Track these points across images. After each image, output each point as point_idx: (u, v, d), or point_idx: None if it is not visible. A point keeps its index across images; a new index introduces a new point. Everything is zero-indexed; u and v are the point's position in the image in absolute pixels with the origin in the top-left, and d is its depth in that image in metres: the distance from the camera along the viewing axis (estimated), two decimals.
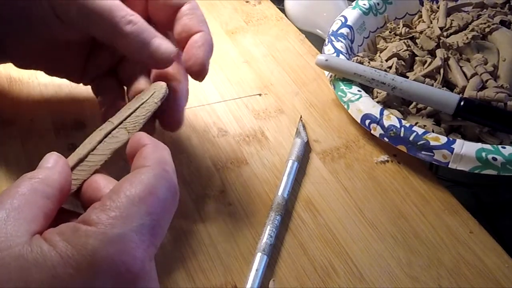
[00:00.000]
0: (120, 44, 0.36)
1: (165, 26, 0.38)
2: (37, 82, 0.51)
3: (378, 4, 0.59)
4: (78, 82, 0.43)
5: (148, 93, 0.36)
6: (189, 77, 0.39)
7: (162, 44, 0.36)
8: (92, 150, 0.32)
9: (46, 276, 0.22)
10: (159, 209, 0.26)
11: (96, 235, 0.23)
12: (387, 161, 0.47)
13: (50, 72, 0.43)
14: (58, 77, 0.43)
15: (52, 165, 0.29)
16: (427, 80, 0.50)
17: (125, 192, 0.25)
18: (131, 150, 0.30)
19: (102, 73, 0.42)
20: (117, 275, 0.23)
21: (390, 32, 0.57)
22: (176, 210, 0.28)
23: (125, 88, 0.41)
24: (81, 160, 0.31)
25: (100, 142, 0.33)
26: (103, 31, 0.36)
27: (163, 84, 0.36)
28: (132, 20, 0.35)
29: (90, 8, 0.35)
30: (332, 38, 0.54)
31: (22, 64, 0.43)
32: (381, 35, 0.58)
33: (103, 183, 0.30)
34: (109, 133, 0.33)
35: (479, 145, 0.43)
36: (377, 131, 0.46)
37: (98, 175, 0.31)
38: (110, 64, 0.41)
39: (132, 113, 0.35)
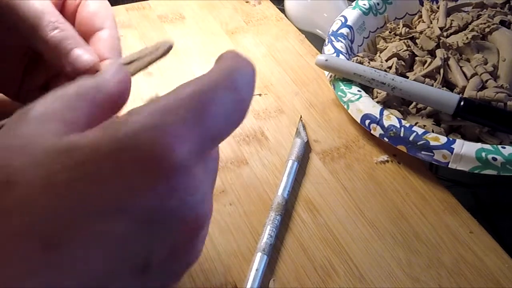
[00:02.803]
0: (43, 49, 0.36)
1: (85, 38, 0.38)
2: None
3: (378, 4, 0.59)
4: (14, 98, 0.42)
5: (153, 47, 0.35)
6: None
7: (84, 54, 0.36)
8: None
9: (72, 165, 0.20)
10: (216, 112, 0.21)
11: (130, 123, 0.20)
12: (387, 161, 0.47)
13: None
14: None
15: (113, 72, 0.26)
16: (427, 80, 0.50)
17: (181, 86, 0.22)
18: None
19: (36, 89, 0.41)
20: (152, 164, 0.19)
21: (390, 32, 0.57)
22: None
23: None
24: None
25: None
26: (29, 32, 0.36)
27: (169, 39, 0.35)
28: (59, 27, 0.36)
29: (20, 7, 0.35)
30: (332, 38, 0.54)
31: None
32: (381, 35, 0.58)
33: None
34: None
35: (479, 145, 0.43)
36: (377, 131, 0.46)
37: None
38: (45, 78, 0.41)
39: (133, 61, 0.34)
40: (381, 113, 0.46)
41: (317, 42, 0.61)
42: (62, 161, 0.20)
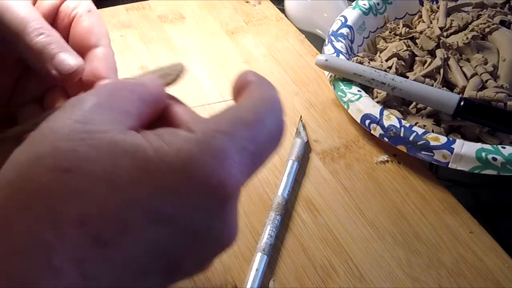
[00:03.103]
0: (28, 56, 0.36)
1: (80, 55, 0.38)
2: None
3: (378, 4, 0.59)
4: (5, 108, 0.42)
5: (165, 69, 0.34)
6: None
7: (68, 58, 0.35)
8: None
9: (136, 168, 0.20)
10: (264, 139, 0.23)
11: (196, 141, 0.21)
12: (387, 161, 0.47)
13: None
14: None
15: (151, 79, 0.27)
16: (427, 80, 0.50)
17: (231, 112, 0.23)
18: (236, 87, 0.27)
19: (29, 101, 0.40)
20: (210, 189, 0.21)
21: (390, 32, 0.57)
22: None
23: None
24: None
25: None
26: (14, 38, 0.36)
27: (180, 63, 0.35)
28: (44, 33, 0.35)
29: (7, 12, 0.35)
30: (332, 38, 0.54)
31: None
32: (381, 35, 0.58)
33: (186, 113, 0.27)
34: None
35: (479, 145, 0.43)
36: (377, 131, 0.46)
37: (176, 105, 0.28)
38: (38, 92, 0.40)
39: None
40: (381, 113, 0.46)
41: (317, 42, 0.61)
42: (126, 161, 0.20)
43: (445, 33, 0.54)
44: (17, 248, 0.19)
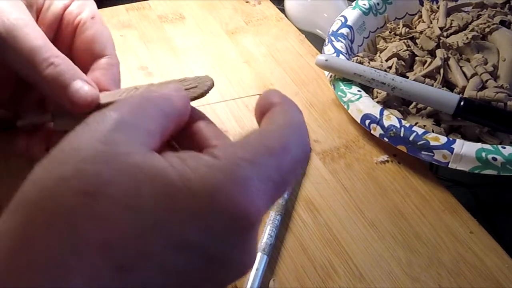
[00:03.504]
0: (41, 86, 0.35)
1: (85, 69, 0.37)
2: None
3: (378, 4, 0.59)
4: (11, 115, 0.42)
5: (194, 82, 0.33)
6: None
7: (82, 87, 0.34)
8: None
9: (159, 193, 0.20)
10: (289, 168, 0.23)
11: (220, 169, 0.21)
12: (387, 161, 0.47)
13: None
14: None
15: (176, 89, 0.26)
16: (427, 80, 0.50)
17: (258, 139, 0.23)
18: (259, 108, 0.27)
19: (32, 103, 0.40)
20: (234, 217, 0.21)
21: (390, 32, 0.57)
22: None
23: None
24: None
25: None
26: (25, 70, 0.35)
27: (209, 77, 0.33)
28: (54, 62, 0.34)
29: (13, 45, 0.34)
30: (332, 38, 0.54)
31: None
32: (381, 35, 0.58)
33: (209, 129, 0.27)
34: None
35: (479, 145, 0.43)
36: (377, 131, 0.46)
37: (201, 122, 0.28)
38: (40, 96, 0.40)
39: None
40: (381, 113, 0.46)
41: (317, 42, 0.61)
42: (150, 186, 0.20)
43: (445, 33, 0.54)
44: (37, 266, 0.19)
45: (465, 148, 0.42)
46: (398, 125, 0.45)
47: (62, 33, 0.39)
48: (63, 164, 0.21)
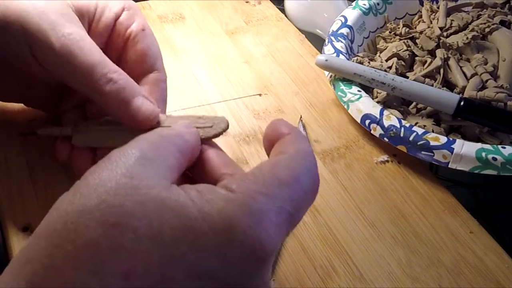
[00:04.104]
0: (100, 102, 0.35)
1: (135, 79, 0.37)
2: None
3: (378, 4, 0.59)
4: (51, 113, 0.43)
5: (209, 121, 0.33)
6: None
7: (143, 104, 0.34)
8: None
9: (180, 225, 0.21)
10: (301, 198, 0.25)
11: (237, 203, 0.22)
12: (387, 161, 0.47)
13: (27, 105, 0.44)
14: (34, 108, 0.44)
15: (186, 126, 0.28)
16: (427, 80, 0.50)
17: (270, 171, 0.24)
18: (268, 138, 0.28)
19: (72, 107, 0.41)
20: (250, 249, 0.22)
21: (390, 32, 0.57)
22: None
23: None
24: None
25: None
26: (82, 87, 0.35)
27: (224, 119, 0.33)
28: (113, 78, 0.34)
29: (69, 61, 0.33)
30: (332, 38, 0.54)
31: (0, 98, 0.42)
32: (381, 35, 0.58)
33: (219, 158, 0.29)
34: None
35: (479, 145, 0.43)
36: (377, 131, 0.46)
37: (211, 151, 0.29)
38: (80, 100, 0.41)
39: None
40: (381, 113, 0.46)
41: (317, 42, 0.61)
42: (171, 218, 0.22)
43: (445, 33, 0.54)
44: None
45: (465, 148, 0.42)
46: (398, 125, 0.45)
47: (112, 44, 0.39)
48: (87, 197, 0.22)
